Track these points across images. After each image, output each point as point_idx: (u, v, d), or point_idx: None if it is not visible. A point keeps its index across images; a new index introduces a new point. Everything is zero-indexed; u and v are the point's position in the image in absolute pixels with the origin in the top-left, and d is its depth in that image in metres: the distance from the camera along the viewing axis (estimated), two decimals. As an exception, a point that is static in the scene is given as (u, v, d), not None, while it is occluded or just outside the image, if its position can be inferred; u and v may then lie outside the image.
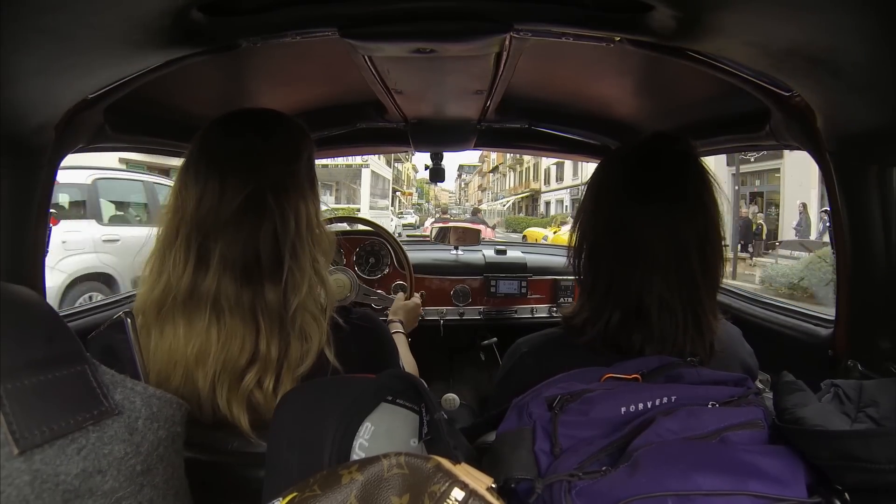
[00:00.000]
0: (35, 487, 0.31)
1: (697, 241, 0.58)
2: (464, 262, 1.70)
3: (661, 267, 0.57)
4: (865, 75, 0.57)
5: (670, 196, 0.59)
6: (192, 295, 0.58)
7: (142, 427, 0.36)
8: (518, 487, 0.38)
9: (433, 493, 0.28)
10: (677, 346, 0.58)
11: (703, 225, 0.59)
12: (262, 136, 0.63)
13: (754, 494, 0.34)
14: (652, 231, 0.58)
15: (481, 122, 1.34)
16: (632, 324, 0.59)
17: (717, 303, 0.63)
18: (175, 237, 0.60)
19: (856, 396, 0.48)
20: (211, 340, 0.58)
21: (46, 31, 0.50)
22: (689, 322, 0.58)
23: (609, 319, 0.60)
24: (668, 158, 0.62)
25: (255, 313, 0.59)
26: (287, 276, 0.60)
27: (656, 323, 0.57)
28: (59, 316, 0.38)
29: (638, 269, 0.58)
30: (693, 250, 0.57)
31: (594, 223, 0.65)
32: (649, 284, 0.57)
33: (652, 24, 0.62)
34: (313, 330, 0.61)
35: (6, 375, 0.32)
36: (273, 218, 0.60)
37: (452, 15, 0.66)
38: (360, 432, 0.41)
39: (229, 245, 0.58)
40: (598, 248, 0.64)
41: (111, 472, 0.34)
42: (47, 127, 0.69)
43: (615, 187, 0.64)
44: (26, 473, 0.31)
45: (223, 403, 0.58)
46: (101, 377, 0.36)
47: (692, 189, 0.60)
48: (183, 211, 0.60)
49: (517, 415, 0.44)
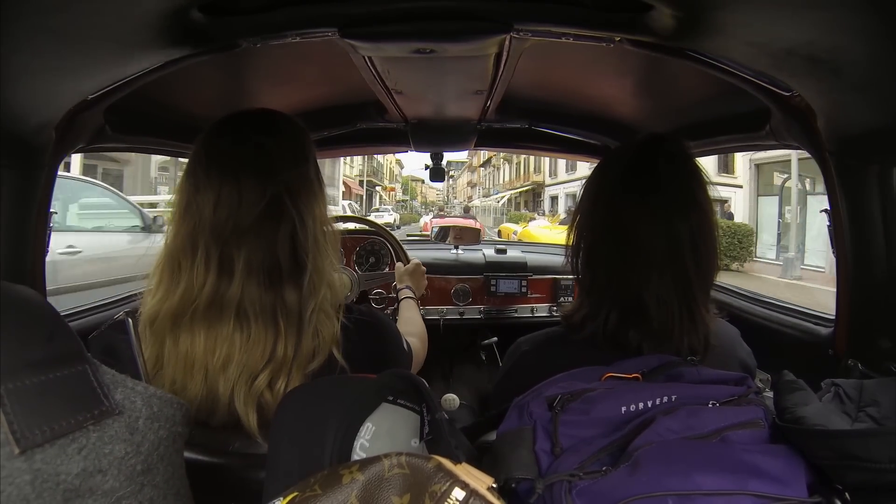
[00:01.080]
0: (36, 487, 0.31)
1: (691, 238, 0.59)
2: (464, 261, 1.71)
3: (658, 264, 0.59)
4: (866, 75, 0.58)
5: (665, 194, 0.61)
6: (214, 302, 0.58)
7: (142, 427, 0.37)
8: (518, 487, 0.38)
9: (434, 493, 0.28)
10: (674, 341, 0.59)
11: (697, 222, 0.60)
12: (273, 138, 0.64)
13: (755, 494, 0.34)
14: (648, 229, 0.60)
15: (481, 123, 1.34)
16: (630, 320, 0.60)
17: (715, 301, 0.64)
18: (190, 244, 0.60)
19: (856, 396, 0.48)
20: (235, 347, 0.58)
21: (47, 31, 0.50)
22: (684, 317, 0.59)
23: (608, 316, 0.61)
24: (662, 158, 0.63)
25: (275, 317, 0.59)
26: (307, 277, 0.60)
27: (654, 319, 0.59)
28: (59, 315, 0.38)
29: (635, 266, 0.60)
30: (687, 247, 0.59)
31: (592, 223, 0.66)
32: (647, 282, 0.59)
33: (652, 24, 0.62)
34: (326, 328, 0.62)
35: (7, 375, 0.32)
36: (291, 221, 0.60)
37: (452, 15, 0.66)
38: (361, 432, 0.41)
39: (253, 251, 0.59)
40: (595, 247, 0.65)
41: (112, 471, 0.34)
42: (48, 127, 0.70)
43: (612, 187, 0.65)
44: (27, 473, 0.31)
45: (240, 406, 0.58)
46: (101, 377, 0.36)
47: (686, 187, 0.61)
48: (198, 217, 0.60)
49: (518, 414, 0.44)
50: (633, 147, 0.67)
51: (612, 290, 0.62)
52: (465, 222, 8.08)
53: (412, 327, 1.03)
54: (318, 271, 0.62)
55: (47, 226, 0.78)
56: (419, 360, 0.91)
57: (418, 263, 1.34)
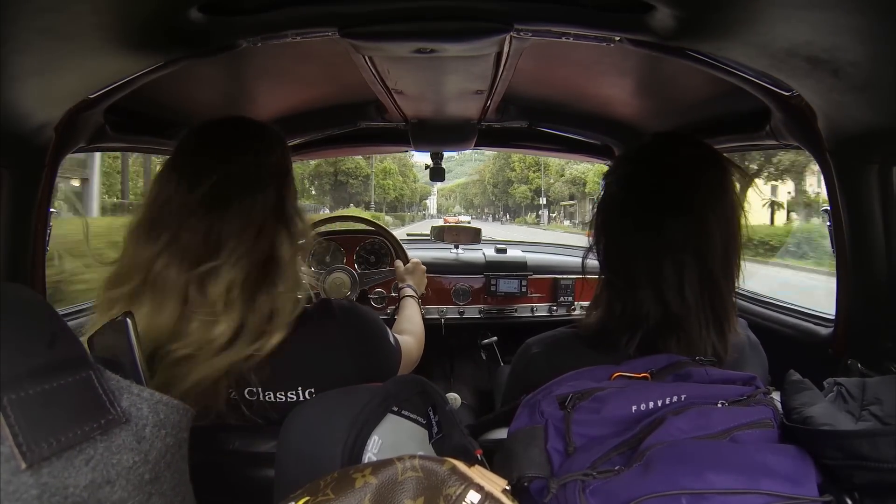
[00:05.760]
0: (44, 501, 0.30)
1: (722, 243, 0.58)
2: (464, 260, 1.70)
3: (687, 270, 0.57)
4: (865, 75, 0.58)
5: (692, 200, 0.59)
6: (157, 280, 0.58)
7: (149, 435, 0.36)
8: (531, 486, 0.38)
9: (448, 496, 0.28)
10: (700, 349, 0.57)
11: (725, 227, 0.59)
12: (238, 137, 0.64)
13: (767, 493, 0.34)
14: (678, 236, 0.58)
15: (482, 122, 1.34)
16: (664, 331, 0.58)
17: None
18: (142, 225, 0.60)
19: (859, 394, 0.49)
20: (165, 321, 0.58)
21: (47, 31, 0.50)
22: (710, 325, 0.58)
23: (646, 327, 0.59)
24: (687, 162, 0.61)
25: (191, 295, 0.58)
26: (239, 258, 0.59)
27: (684, 328, 0.57)
28: (60, 316, 0.36)
29: (664, 275, 0.58)
30: (717, 252, 0.58)
31: (621, 226, 0.64)
32: (680, 288, 0.57)
33: (652, 24, 0.62)
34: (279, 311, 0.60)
35: (9, 384, 0.30)
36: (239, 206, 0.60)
37: (453, 15, 0.66)
38: (368, 446, 0.40)
39: (190, 232, 0.58)
40: (625, 252, 0.63)
41: (120, 481, 0.33)
42: (48, 127, 0.69)
43: (639, 192, 0.63)
44: (34, 488, 0.30)
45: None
46: (107, 383, 0.35)
47: (716, 193, 0.60)
48: (155, 201, 0.60)
49: (529, 413, 0.44)
50: (657, 148, 0.65)
51: (642, 299, 0.59)
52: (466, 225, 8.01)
53: (410, 325, 1.02)
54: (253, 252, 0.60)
55: (47, 226, 0.77)
56: (413, 358, 0.91)
57: (418, 262, 1.34)
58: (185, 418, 0.41)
